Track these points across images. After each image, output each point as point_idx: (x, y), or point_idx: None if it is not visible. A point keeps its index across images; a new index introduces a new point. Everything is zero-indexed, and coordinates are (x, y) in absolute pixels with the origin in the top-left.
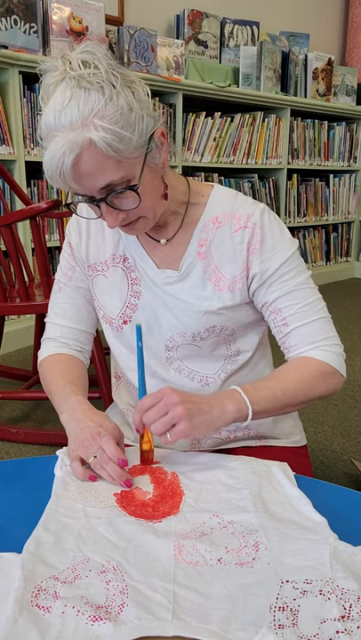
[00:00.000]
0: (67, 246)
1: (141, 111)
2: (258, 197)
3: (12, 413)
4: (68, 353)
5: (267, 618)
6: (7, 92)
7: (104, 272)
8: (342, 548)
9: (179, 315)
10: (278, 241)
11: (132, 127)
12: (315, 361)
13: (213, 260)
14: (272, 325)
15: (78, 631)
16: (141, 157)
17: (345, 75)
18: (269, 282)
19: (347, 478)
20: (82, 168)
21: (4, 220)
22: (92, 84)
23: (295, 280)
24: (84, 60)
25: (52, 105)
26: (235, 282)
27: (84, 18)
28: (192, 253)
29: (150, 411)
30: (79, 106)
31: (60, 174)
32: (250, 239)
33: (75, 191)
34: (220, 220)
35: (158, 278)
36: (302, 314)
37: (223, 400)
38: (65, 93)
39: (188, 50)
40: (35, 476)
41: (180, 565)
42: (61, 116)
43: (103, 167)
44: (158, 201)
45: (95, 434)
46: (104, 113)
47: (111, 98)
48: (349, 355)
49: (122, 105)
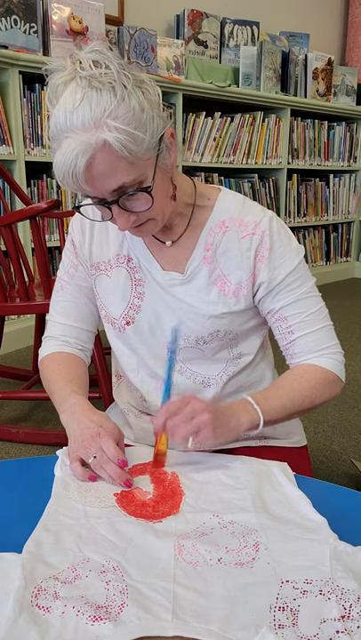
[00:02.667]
0: (69, 244)
1: (152, 112)
2: (258, 197)
3: (12, 413)
4: (68, 351)
5: (267, 618)
6: (7, 92)
7: (107, 272)
8: (342, 548)
9: (183, 318)
10: (287, 250)
11: (145, 128)
12: (320, 369)
13: (219, 265)
14: (276, 332)
15: (78, 631)
16: (153, 159)
17: (345, 75)
18: (277, 290)
19: (347, 478)
20: (95, 169)
21: (4, 220)
22: (104, 85)
23: (302, 288)
24: (94, 59)
25: (63, 105)
26: (240, 288)
27: (84, 18)
28: (198, 257)
29: (177, 416)
30: (91, 106)
31: (72, 176)
32: (258, 247)
33: (86, 193)
34: (228, 225)
35: (163, 280)
36: (308, 322)
37: (238, 412)
38: (76, 93)
39: (188, 50)
40: (35, 476)
41: (180, 565)
42: (73, 117)
43: (116, 169)
44: (167, 202)
45: (95, 434)
46: (117, 114)
47: (123, 98)
48: (350, 355)
49: (134, 105)
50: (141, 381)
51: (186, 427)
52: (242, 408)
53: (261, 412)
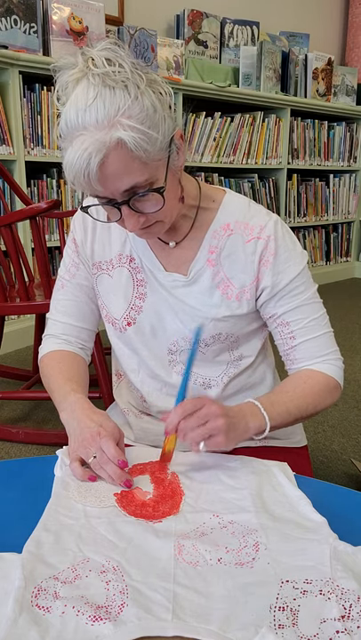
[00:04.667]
0: (71, 242)
1: (164, 112)
2: (258, 197)
3: (12, 413)
4: (69, 350)
5: (267, 618)
6: (7, 92)
7: (109, 271)
8: (342, 548)
9: (185, 320)
10: (291, 255)
11: (157, 128)
12: (322, 375)
13: (223, 269)
14: (277, 337)
15: (78, 631)
16: (165, 159)
17: (345, 75)
18: (280, 295)
19: (347, 478)
20: (108, 169)
21: (4, 220)
22: (117, 83)
23: (305, 294)
24: (107, 57)
25: (74, 103)
26: (243, 291)
27: (84, 18)
28: (201, 259)
29: (191, 418)
30: (105, 104)
31: (84, 175)
32: (263, 251)
33: (96, 193)
34: (232, 228)
35: (166, 281)
36: (310, 328)
37: (246, 416)
38: (88, 91)
39: (188, 50)
40: (35, 475)
41: (180, 565)
42: (86, 115)
43: (130, 168)
44: (176, 204)
45: (95, 434)
46: (131, 113)
47: (137, 97)
48: (350, 355)
49: (147, 105)
50: (142, 382)
51: (199, 430)
52: (250, 412)
53: (268, 418)
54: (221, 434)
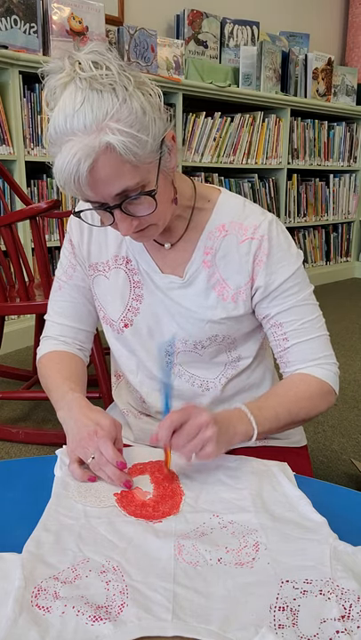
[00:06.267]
0: (67, 244)
1: (153, 114)
2: (258, 197)
3: (12, 413)
4: (67, 350)
5: (267, 618)
6: (7, 92)
7: (105, 273)
8: (342, 548)
9: (181, 322)
10: (285, 255)
11: (147, 130)
12: (315, 379)
13: (218, 270)
14: (271, 338)
15: (78, 631)
16: (156, 162)
17: (345, 75)
18: (273, 295)
19: (347, 478)
20: (98, 174)
21: (4, 220)
22: (105, 86)
23: (299, 295)
24: (94, 60)
25: (62, 108)
26: (239, 292)
27: (84, 18)
28: (197, 261)
29: (181, 435)
30: (93, 108)
31: (74, 181)
32: (256, 251)
33: (87, 198)
34: (227, 229)
35: (162, 283)
36: (303, 330)
37: (233, 421)
38: (76, 96)
39: (188, 50)
40: (35, 475)
41: (180, 565)
42: (74, 120)
43: (120, 172)
44: (169, 206)
45: (92, 433)
46: (119, 116)
47: (125, 100)
48: (350, 355)
49: (136, 108)
50: (141, 383)
51: (190, 445)
52: (238, 418)
53: (256, 423)
54: (211, 443)
